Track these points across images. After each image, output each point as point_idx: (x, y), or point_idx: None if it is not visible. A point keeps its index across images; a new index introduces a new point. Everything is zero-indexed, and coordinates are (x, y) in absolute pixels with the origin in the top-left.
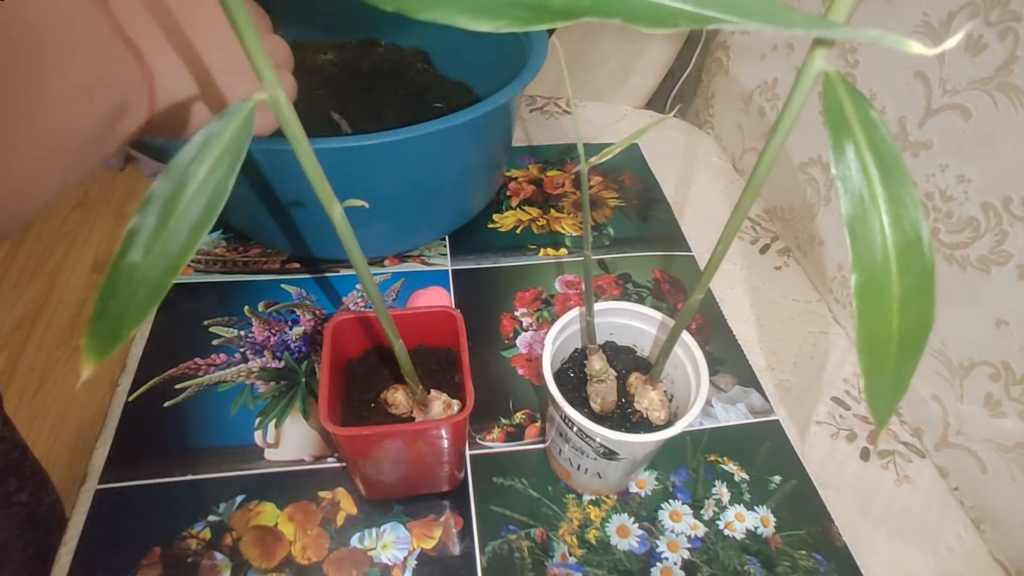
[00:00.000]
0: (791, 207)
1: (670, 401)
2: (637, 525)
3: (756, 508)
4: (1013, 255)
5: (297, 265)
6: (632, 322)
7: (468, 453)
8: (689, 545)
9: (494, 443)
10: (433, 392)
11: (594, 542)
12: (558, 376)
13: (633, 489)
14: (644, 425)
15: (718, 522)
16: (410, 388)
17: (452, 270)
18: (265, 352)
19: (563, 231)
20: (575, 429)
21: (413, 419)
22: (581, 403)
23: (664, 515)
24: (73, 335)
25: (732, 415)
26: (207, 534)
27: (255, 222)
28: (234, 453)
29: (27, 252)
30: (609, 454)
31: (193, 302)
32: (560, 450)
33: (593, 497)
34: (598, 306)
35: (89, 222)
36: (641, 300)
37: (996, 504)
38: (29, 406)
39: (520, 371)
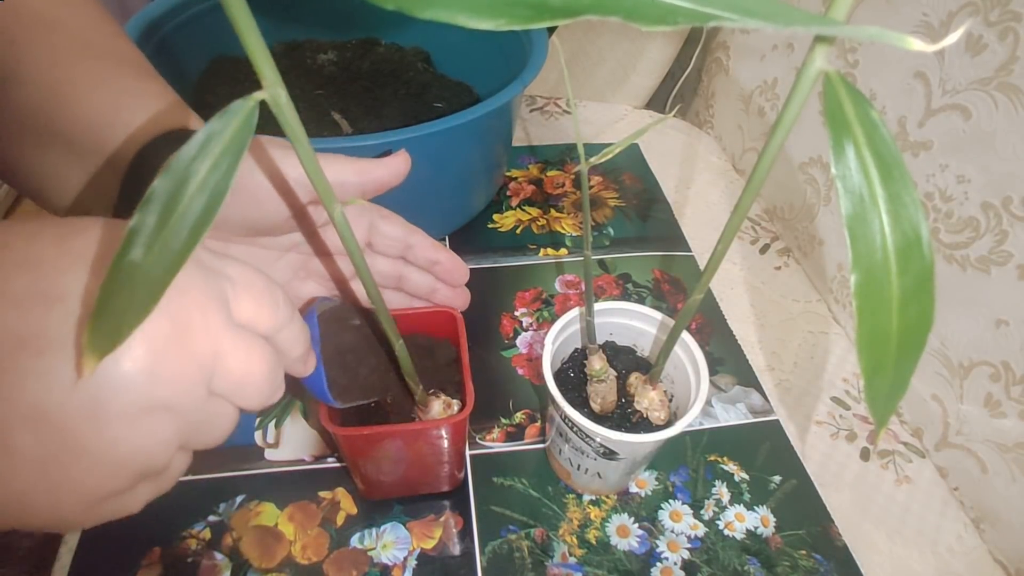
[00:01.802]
0: (791, 207)
1: (670, 401)
2: (637, 525)
3: (756, 508)
4: (1013, 255)
5: None
6: (632, 322)
7: (468, 453)
8: (689, 545)
9: (494, 443)
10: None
11: (594, 542)
12: (558, 376)
13: (633, 489)
14: (644, 425)
15: (718, 522)
16: (410, 388)
17: None
18: None
19: (563, 231)
20: (575, 429)
21: (413, 419)
22: (581, 403)
23: (664, 515)
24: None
25: (732, 415)
26: (207, 534)
27: None
28: (234, 453)
29: None
30: (609, 454)
31: None
32: (560, 450)
33: (593, 497)
34: (598, 306)
35: None
36: (641, 300)
37: (996, 504)
38: None
39: (520, 371)
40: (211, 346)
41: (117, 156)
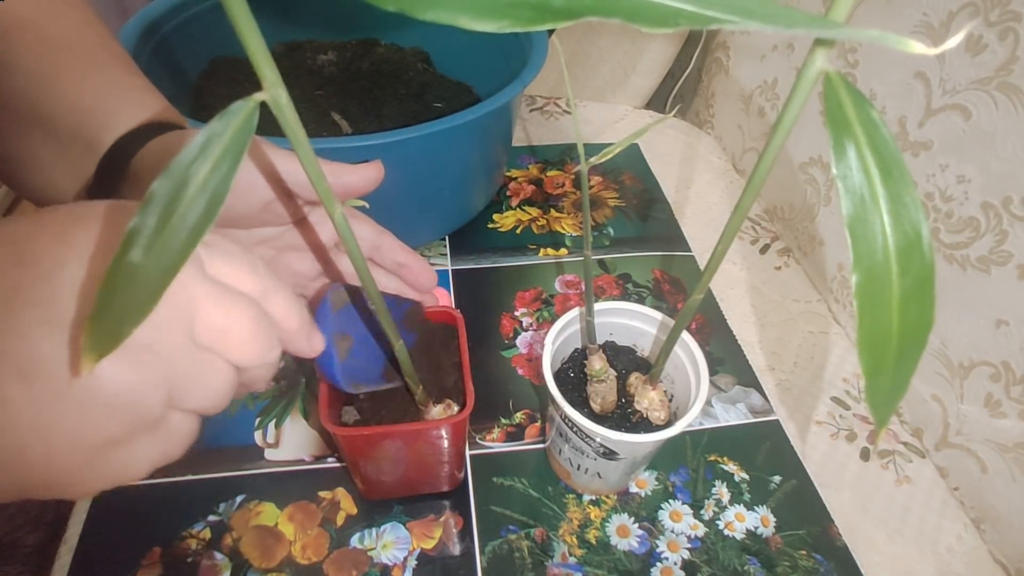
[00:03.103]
0: (791, 207)
1: (670, 401)
2: (637, 525)
3: (756, 508)
4: (1013, 255)
5: None
6: (632, 322)
7: (468, 453)
8: (689, 545)
9: (494, 443)
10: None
11: (594, 542)
12: (558, 376)
13: (633, 489)
14: (644, 425)
15: (718, 522)
16: (410, 388)
17: (452, 270)
18: None
19: (563, 231)
20: (575, 429)
21: (413, 419)
22: (581, 403)
23: (664, 515)
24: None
25: (732, 415)
26: (207, 534)
27: None
28: (234, 453)
29: None
30: (609, 454)
31: None
32: (560, 450)
33: (593, 497)
34: (598, 306)
35: None
36: (641, 300)
37: (996, 504)
38: None
39: (520, 371)
40: (183, 291)
41: (97, 143)
